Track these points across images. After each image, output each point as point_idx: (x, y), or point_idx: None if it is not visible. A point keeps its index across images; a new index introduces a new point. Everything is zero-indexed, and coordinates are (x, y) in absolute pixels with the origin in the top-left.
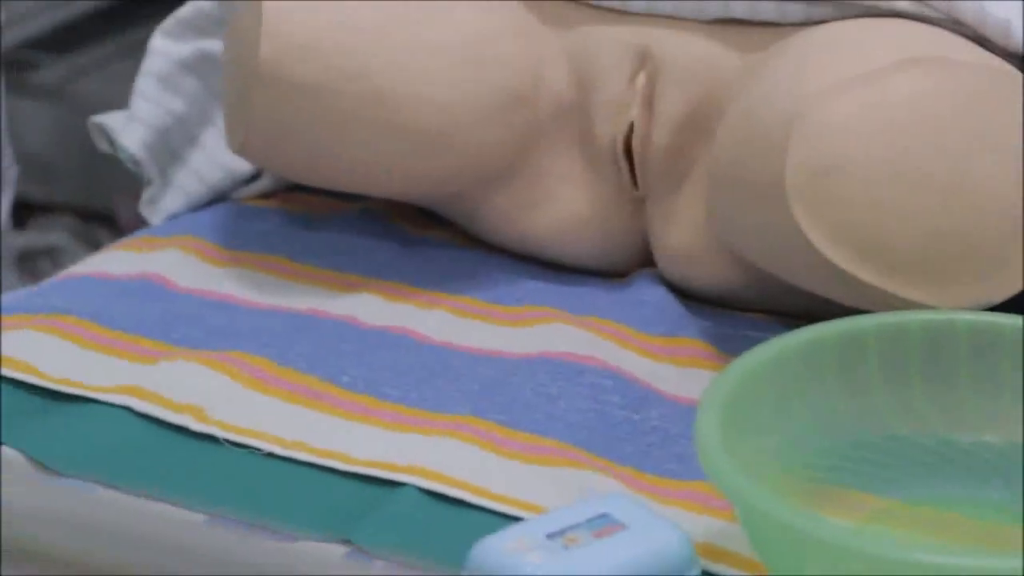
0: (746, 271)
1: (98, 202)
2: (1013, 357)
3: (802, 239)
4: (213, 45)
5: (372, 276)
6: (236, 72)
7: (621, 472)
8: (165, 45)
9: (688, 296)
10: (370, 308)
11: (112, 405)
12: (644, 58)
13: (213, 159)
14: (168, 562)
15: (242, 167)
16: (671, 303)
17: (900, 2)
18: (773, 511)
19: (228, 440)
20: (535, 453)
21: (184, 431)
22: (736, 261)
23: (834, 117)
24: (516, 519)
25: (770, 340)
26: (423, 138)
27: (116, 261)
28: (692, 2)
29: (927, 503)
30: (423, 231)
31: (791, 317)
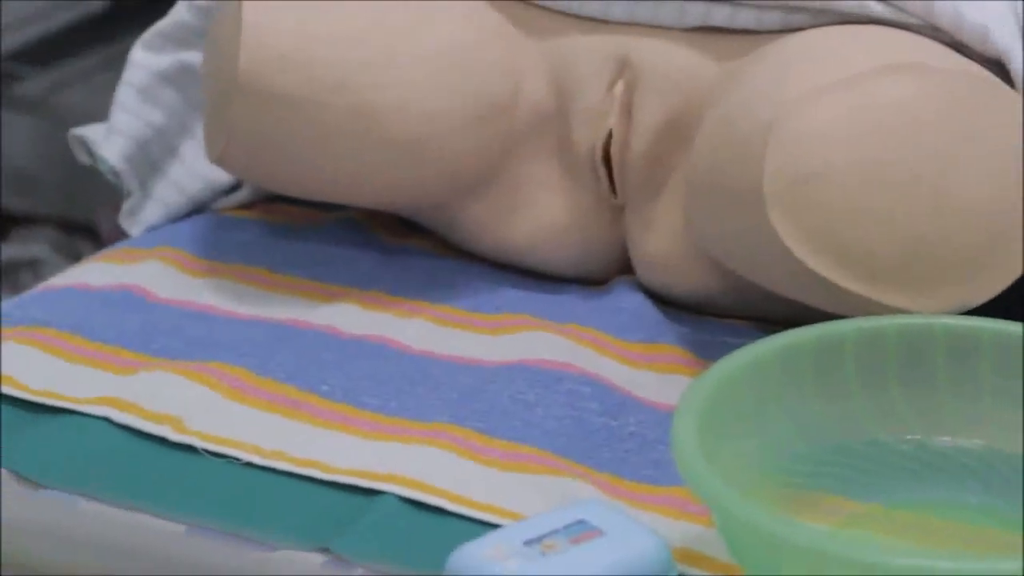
0: (724, 278)
1: (80, 214)
2: (991, 360)
3: (780, 246)
4: (193, 57)
5: (351, 286)
6: (216, 83)
7: (599, 478)
8: (145, 57)
9: (666, 303)
10: (350, 318)
11: (91, 416)
12: (623, 66)
13: (193, 170)
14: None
15: (221, 178)
16: (649, 310)
17: (878, 9)
18: (750, 516)
19: (207, 450)
20: (513, 460)
21: (163, 442)
22: (714, 268)
23: (812, 124)
24: (495, 526)
25: (747, 345)
26: (403, 147)
27: (96, 273)
28: (671, 10)
29: (906, 507)
30: (402, 240)
31: (770, 323)
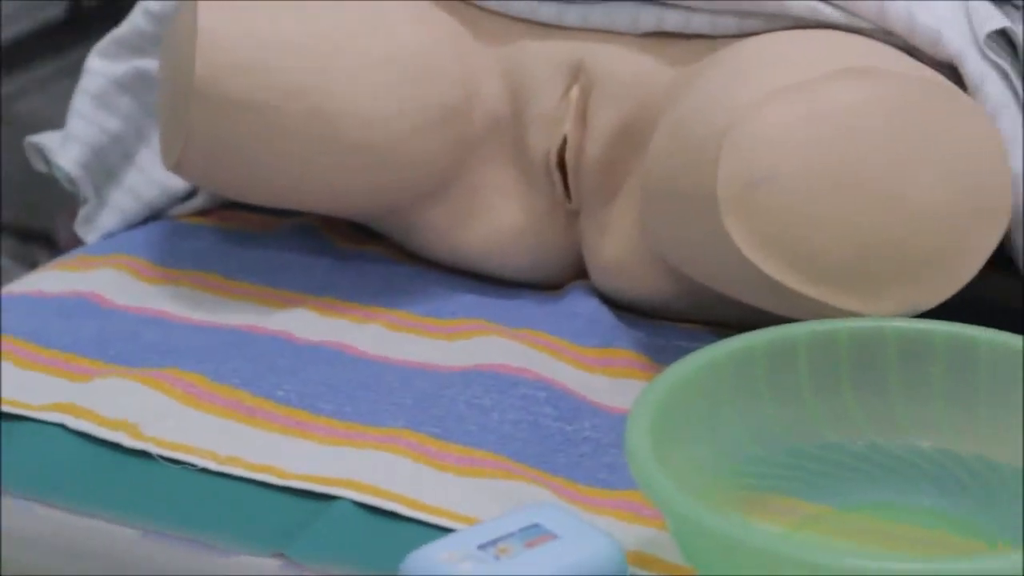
0: (679, 282)
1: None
2: (944, 363)
3: (734, 250)
4: (148, 64)
5: (307, 292)
6: (171, 89)
7: (554, 483)
8: (101, 65)
9: (621, 308)
10: (305, 323)
11: (47, 423)
12: (577, 71)
13: (149, 177)
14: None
15: (177, 185)
16: (604, 315)
17: (831, 13)
18: (702, 518)
19: (162, 456)
20: (469, 465)
21: (119, 448)
22: (669, 272)
23: (765, 128)
24: (450, 531)
25: (701, 349)
26: (359, 153)
27: (51, 280)
28: (625, 16)
29: (859, 509)
30: (358, 246)
31: (724, 327)
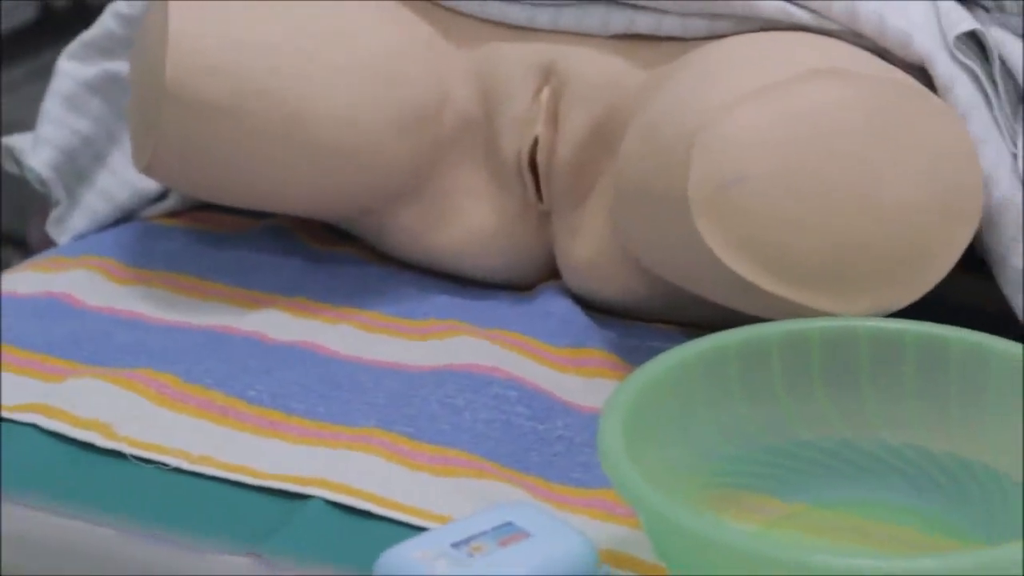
0: (651, 283)
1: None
2: (915, 362)
3: (706, 251)
4: (119, 66)
5: (279, 292)
6: (143, 92)
7: (527, 482)
8: (71, 67)
9: (593, 308)
10: (277, 324)
11: (19, 423)
12: (549, 73)
13: (120, 179)
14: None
15: (149, 186)
16: (576, 315)
17: (801, 15)
18: (675, 516)
19: (135, 456)
20: (441, 464)
21: (92, 448)
22: (641, 273)
23: (736, 129)
24: (423, 530)
25: (673, 348)
26: (331, 155)
27: (23, 282)
28: (596, 18)
29: (832, 507)
30: (329, 247)
31: (697, 328)
